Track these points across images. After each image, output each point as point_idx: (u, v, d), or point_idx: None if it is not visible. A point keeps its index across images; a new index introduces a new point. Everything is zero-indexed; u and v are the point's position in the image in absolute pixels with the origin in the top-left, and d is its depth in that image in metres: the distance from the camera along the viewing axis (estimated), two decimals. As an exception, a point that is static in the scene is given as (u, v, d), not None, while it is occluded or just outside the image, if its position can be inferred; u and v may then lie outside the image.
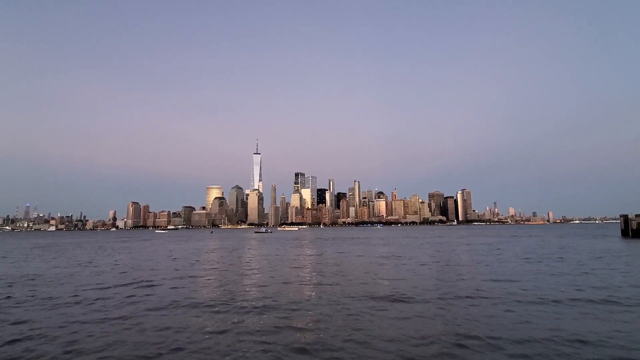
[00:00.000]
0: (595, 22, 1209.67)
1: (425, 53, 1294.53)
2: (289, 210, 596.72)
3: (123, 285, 20.92)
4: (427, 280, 20.94)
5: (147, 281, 22.20)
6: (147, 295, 17.62)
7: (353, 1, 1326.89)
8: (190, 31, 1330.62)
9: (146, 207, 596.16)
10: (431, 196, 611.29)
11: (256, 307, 14.49)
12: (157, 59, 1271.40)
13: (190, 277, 23.88)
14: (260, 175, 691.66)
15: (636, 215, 67.60)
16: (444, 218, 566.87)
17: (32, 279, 23.51)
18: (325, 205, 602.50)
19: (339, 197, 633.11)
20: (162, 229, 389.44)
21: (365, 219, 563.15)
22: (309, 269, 27.51)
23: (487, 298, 15.66)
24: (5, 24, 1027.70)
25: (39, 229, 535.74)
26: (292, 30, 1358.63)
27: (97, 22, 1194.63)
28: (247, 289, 19.01)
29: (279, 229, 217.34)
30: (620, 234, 74.20)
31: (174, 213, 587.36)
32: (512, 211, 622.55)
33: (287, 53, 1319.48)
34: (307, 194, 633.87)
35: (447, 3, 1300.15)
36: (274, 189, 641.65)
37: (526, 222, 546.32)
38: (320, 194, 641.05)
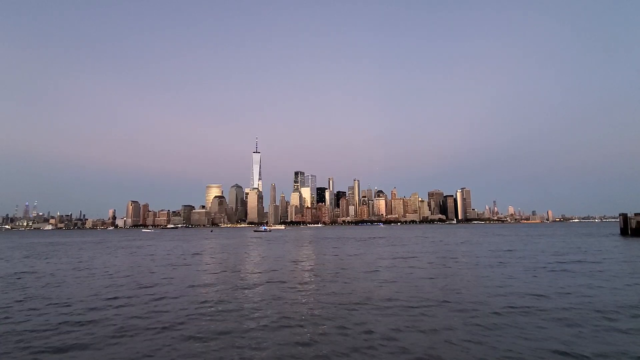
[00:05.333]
0: (593, 20, 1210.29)
1: (423, 53, 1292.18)
2: (289, 209, 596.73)
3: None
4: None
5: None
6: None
7: (353, 3, 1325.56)
8: (191, 32, 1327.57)
9: (146, 206, 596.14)
10: (431, 195, 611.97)
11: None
12: (157, 59, 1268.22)
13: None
14: (259, 174, 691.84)
15: (635, 214, 67.96)
16: (443, 217, 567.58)
17: None
18: (324, 204, 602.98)
19: (339, 195, 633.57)
20: (149, 228, 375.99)
21: (365, 217, 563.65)
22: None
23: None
24: (6, 23, 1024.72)
25: (38, 228, 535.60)
26: (292, 32, 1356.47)
27: (97, 22, 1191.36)
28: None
29: (266, 227, 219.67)
30: (619, 233, 74.51)
31: (174, 212, 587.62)
32: (511, 210, 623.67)
33: (287, 53, 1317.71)
34: (306, 192, 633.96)
35: (444, 6, 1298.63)
36: (274, 188, 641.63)
37: (525, 221, 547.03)
38: (319, 193, 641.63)
